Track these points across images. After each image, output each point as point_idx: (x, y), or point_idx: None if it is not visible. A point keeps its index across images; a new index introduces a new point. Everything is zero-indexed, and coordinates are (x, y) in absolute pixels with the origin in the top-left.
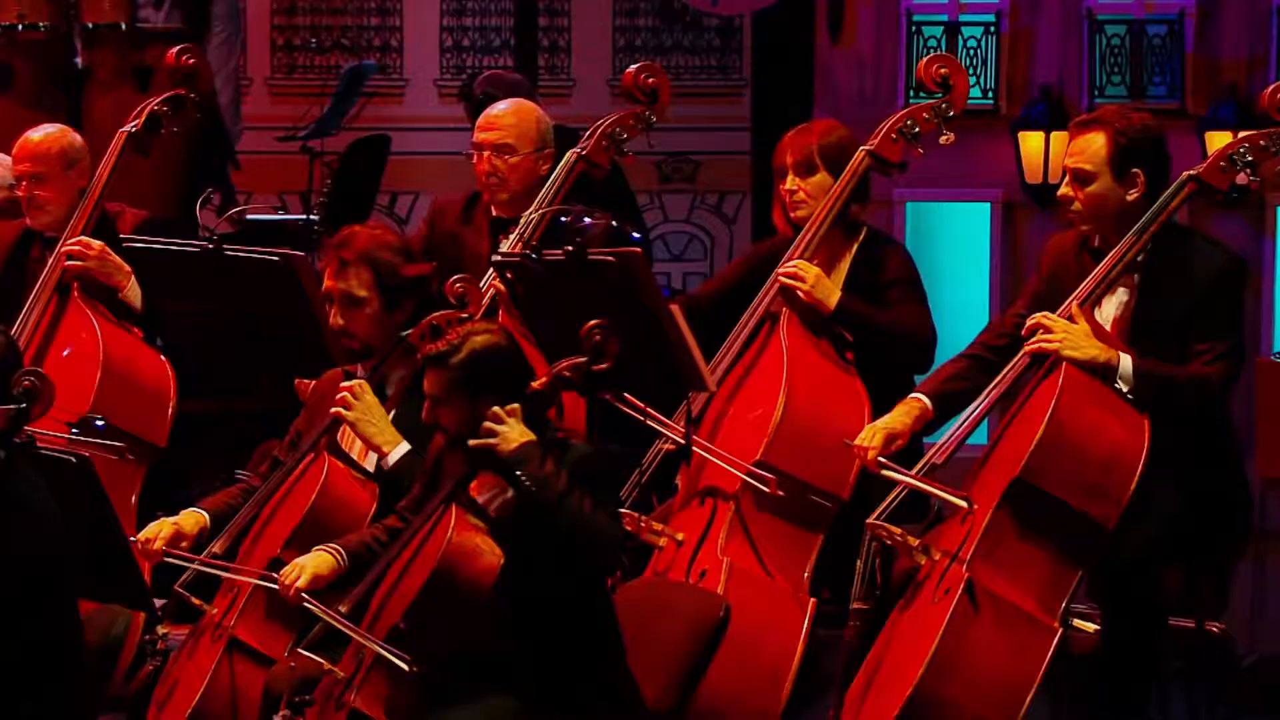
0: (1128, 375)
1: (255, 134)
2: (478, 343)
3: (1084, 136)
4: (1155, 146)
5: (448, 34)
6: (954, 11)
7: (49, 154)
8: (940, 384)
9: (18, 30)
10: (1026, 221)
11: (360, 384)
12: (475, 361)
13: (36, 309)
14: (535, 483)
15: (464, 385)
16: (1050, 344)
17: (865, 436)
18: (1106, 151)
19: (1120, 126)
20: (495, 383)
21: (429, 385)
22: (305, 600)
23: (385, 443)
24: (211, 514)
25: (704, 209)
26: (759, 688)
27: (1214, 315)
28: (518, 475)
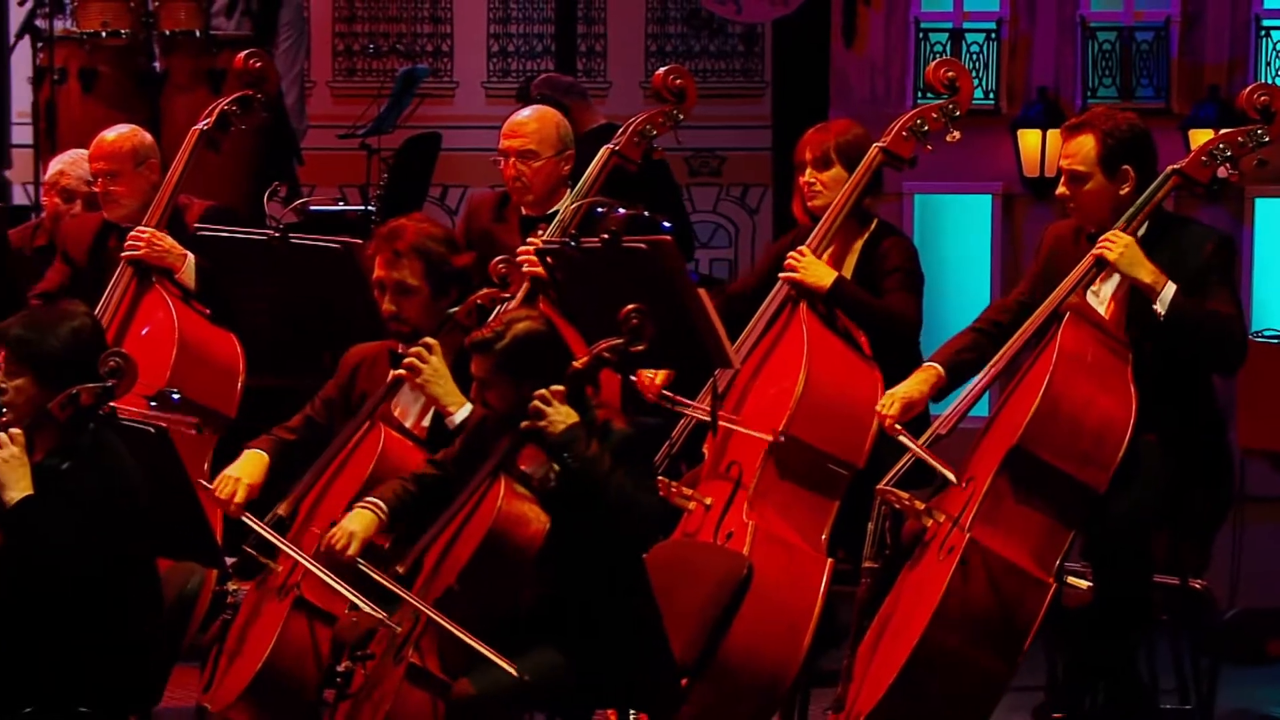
0: (1167, 300)
1: (318, 132)
2: (520, 329)
3: (1075, 139)
4: (1141, 143)
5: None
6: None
7: (121, 152)
8: (953, 354)
9: (102, 37)
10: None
11: (431, 343)
12: (518, 347)
13: (115, 293)
14: (582, 463)
15: (508, 369)
16: (1111, 253)
17: (885, 403)
18: (1097, 152)
19: (1107, 128)
20: (537, 366)
21: (476, 369)
22: (359, 564)
23: (452, 403)
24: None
25: (729, 201)
26: (781, 640)
27: (1214, 284)
28: (565, 457)
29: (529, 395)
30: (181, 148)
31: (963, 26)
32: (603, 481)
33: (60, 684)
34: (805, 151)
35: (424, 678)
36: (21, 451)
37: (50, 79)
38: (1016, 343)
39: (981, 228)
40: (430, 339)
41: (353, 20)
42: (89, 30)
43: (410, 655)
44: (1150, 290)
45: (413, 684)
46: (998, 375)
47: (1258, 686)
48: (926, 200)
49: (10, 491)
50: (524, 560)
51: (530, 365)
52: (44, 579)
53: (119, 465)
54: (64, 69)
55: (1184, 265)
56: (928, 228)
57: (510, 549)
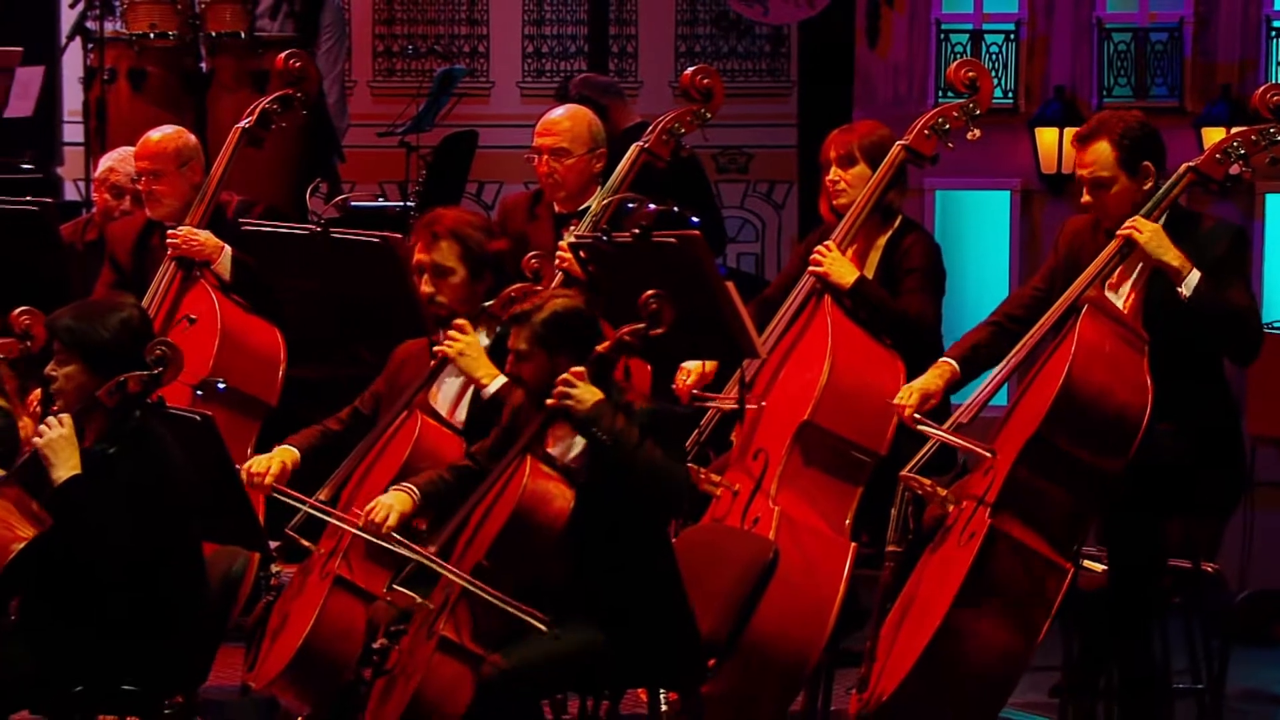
0: (1192, 285)
1: (359, 130)
2: (559, 305)
3: (1091, 148)
4: (1154, 137)
5: (529, 41)
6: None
7: (164, 153)
8: (968, 349)
9: (150, 38)
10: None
11: (464, 323)
12: (555, 320)
13: (160, 287)
14: (611, 436)
15: (544, 341)
16: (1141, 236)
17: (903, 395)
18: (1116, 155)
19: (1120, 130)
20: (572, 341)
21: (513, 341)
22: (394, 538)
23: (484, 375)
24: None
25: (755, 197)
26: (805, 621)
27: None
28: (594, 432)
29: (562, 370)
30: (224, 145)
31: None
32: (632, 453)
33: (109, 663)
34: (830, 151)
35: (456, 650)
36: (71, 433)
37: (100, 79)
38: (1036, 334)
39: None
40: (464, 320)
41: (392, 22)
42: (138, 32)
43: (442, 629)
44: (1176, 274)
45: (445, 656)
46: (1018, 365)
47: (1267, 667)
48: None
49: (59, 470)
50: (550, 536)
51: (565, 340)
52: (89, 559)
53: (164, 451)
54: (114, 69)
55: (1200, 259)
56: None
57: (536, 525)
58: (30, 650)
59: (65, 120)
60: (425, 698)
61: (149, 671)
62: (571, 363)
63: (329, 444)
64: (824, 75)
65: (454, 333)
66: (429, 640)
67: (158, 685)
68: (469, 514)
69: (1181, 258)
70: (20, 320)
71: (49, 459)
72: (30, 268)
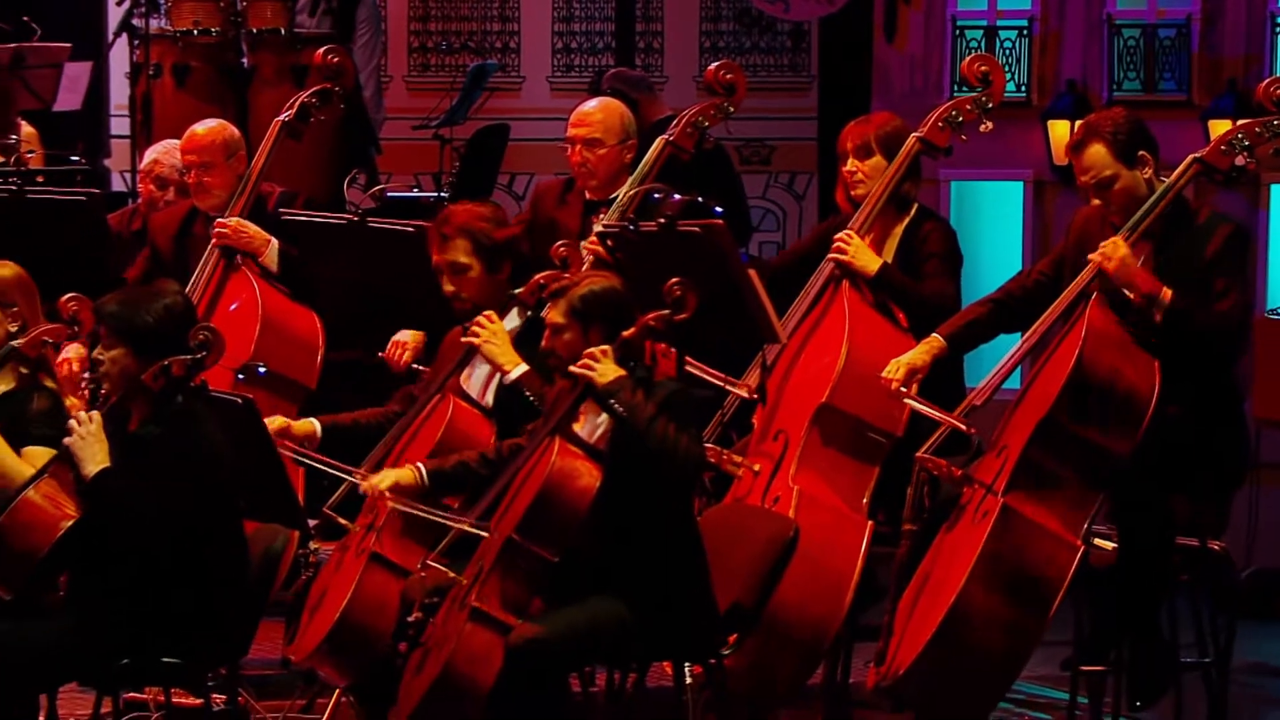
0: (1164, 306)
1: (394, 123)
2: (595, 282)
3: (1086, 153)
4: (1142, 127)
5: (558, 37)
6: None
7: (212, 145)
8: (960, 325)
9: (193, 35)
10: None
11: (491, 314)
12: (591, 296)
13: (204, 275)
14: (626, 409)
15: (579, 315)
16: (1110, 265)
17: (890, 369)
18: (1111, 153)
19: (1110, 128)
20: (605, 317)
21: (550, 314)
22: (389, 499)
23: (507, 362)
24: (325, 426)
25: (777, 187)
26: (824, 597)
27: (1223, 276)
28: (610, 403)
29: (594, 344)
30: (264, 138)
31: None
32: (645, 426)
33: (154, 636)
34: (847, 142)
35: (488, 620)
36: (99, 430)
37: (146, 74)
38: (1047, 320)
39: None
40: (490, 311)
41: (427, 19)
42: (182, 28)
43: (474, 600)
44: (1146, 299)
45: (477, 626)
46: (1029, 350)
47: (1272, 641)
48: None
49: (88, 466)
50: (576, 512)
51: (599, 315)
52: (126, 544)
53: (207, 433)
54: (159, 65)
55: (1197, 251)
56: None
57: (563, 501)
58: (78, 624)
59: (112, 114)
60: (457, 667)
61: (192, 644)
62: (603, 338)
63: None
64: (843, 70)
65: (481, 321)
66: (461, 611)
67: (201, 658)
68: (502, 491)
69: (1150, 280)
70: (68, 306)
71: (79, 456)
72: (78, 255)
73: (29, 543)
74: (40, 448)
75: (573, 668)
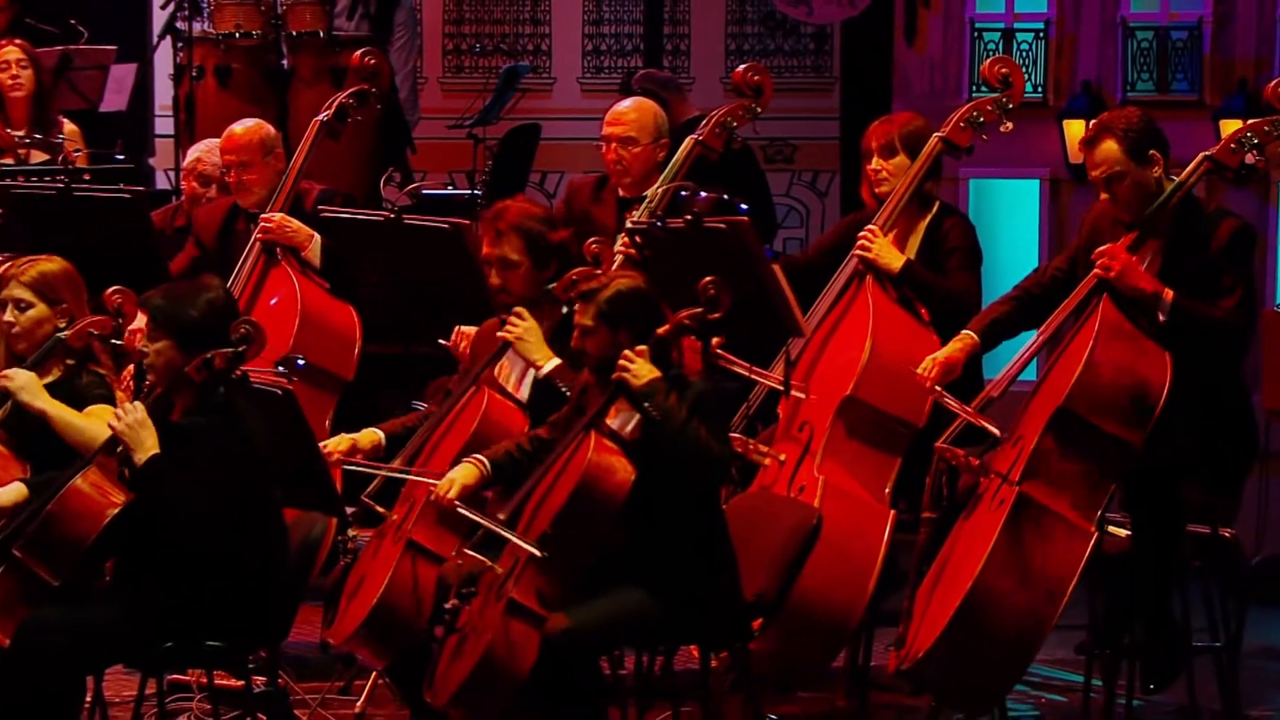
0: (1167, 308)
1: (429, 123)
2: (622, 284)
3: (1098, 149)
4: (1154, 127)
5: (588, 39)
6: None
7: (250, 144)
8: (987, 322)
9: (235, 37)
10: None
11: (522, 311)
12: (618, 298)
13: (245, 270)
14: (660, 413)
15: (607, 317)
16: (1111, 273)
17: (925, 366)
18: (1123, 150)
19: (1123, 126)
20: (633, 319)
21: (579, 316)
22: (459, 507)
23: (540, 358)
24: (387, 434)
25: (801, 185)
26: (847, 583)
27: (1229, 272)
28: (646, 406)
29: (624, 345)
30: (304, 137)
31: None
32: (678, 429)
33: (197, 621)
34: (871, 141)
35: (523, 612)
36: (145, 418)
37: (189, 75)
38: (1062, 313)
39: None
40: (521, 307)
41: (461, 22)
42: (224, 31)
43: (511, 591)
44: (1150, 301)
45: (513, 617)
46: (1044, 343)
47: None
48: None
49: (138, 453)
50: (612, 507)
51: (626, 317)
52: (171, 529)
53: (248, 423)
54: (201, 66)
55: (1205, 249)
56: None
57: (599, 496)
58: (124, 609)
59: (156, 114)
60: (495, 655)
61: (234, 628)
62: (632, 339)
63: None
64: (864, 71)
65: (514, 319)
66: (498, 602)
67: (242, 641)
68: (535, 485)
69: (1153, 282)
70: (114, 300)
71: (128, 443)
72: (124, 251)
73: (77, 530)
74: (103, 405)
75: (603, 653)
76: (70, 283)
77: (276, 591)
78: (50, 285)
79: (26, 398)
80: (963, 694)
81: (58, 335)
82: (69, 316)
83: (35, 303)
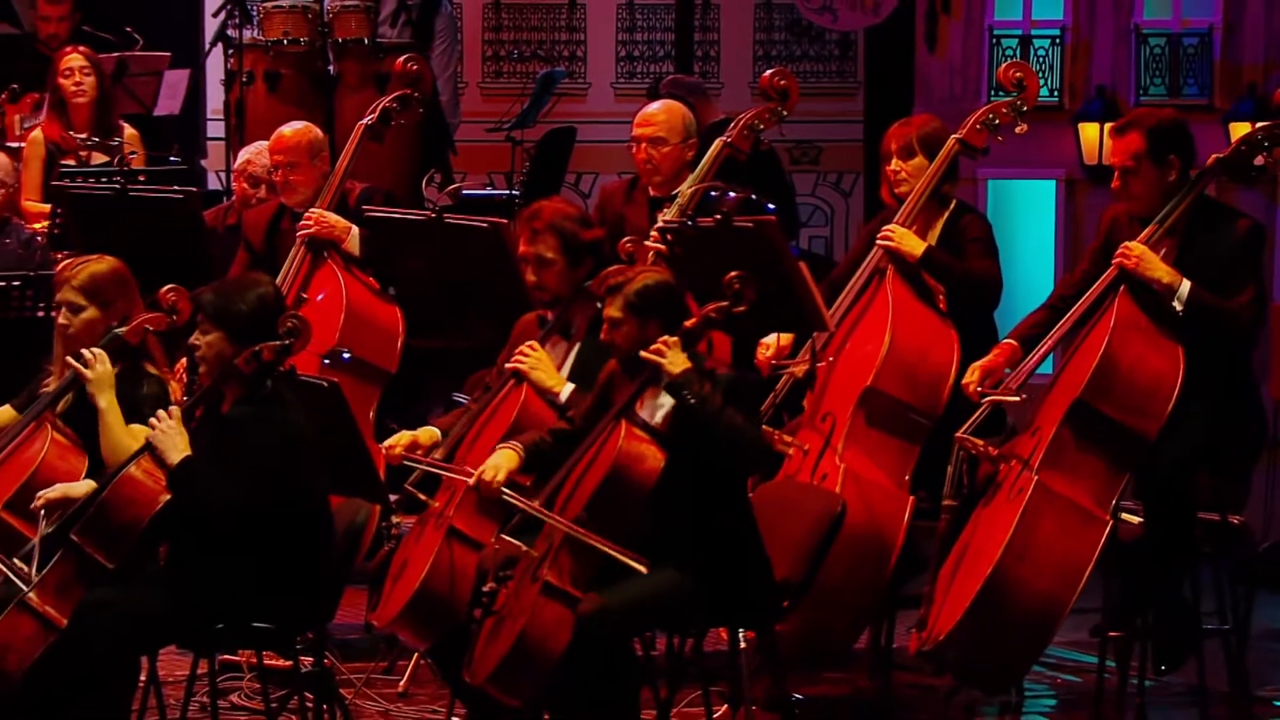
0: (1183, 297)
1: (469, 126)
2: (650, 278)
3: (1124, 138)
4: (1182, 133)
5: (622, 46)
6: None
7: (297, 146)
8: (1027, 330)
9: (283, 44)
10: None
11: (533, 344)
12: (646, 291)
13: (292, 268)
14: (697, 400)
15: (636, 310)
16: (1129, 263)
17: (969, 375)
18: (1144, 146)
19: (1152, 124)
20: (660, 311)
21: (609, 309)
22: (504, 493)
23: (554, 385)
24: (443, 430)
25: (825, 185)
26: (868, 567)
27: (1240, 269)
28: (683, 394)
29: (652, 337)
30: (349, 140)
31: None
32: (714, 417)
33: (247, 603)
34: (891, 143)
35: (558, 594)
36: (179, 424)
37: (239, 81)
38: (1078, 310)
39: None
40: (532, 341)
41: (500, 29)
42: (273, 38)
43: (546, 574)
44: (1168, 290)
45: (548, 599)
46: (1062, 338)
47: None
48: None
49: (171, 455)
50: (641, 493)
51: (655, 309)
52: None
53: (295, 414)
54: (251, 72)
55: (1217, 247)
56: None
57: (630, 483)
58: (176, 591)
59: (208, 118)
60: (530, 636)
61: (282, 610)
62: (660, 330)
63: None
64: (887, 76)
65: (524, 350)
66: (534, 584)
67: (290, 623)
68: (569, 472)
69: (1171, 273)
70: (167, 296)
71: (161, 448)
72: (177, 249)
73: (131, 516)
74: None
75: (636, 634)
76: (119, 282)
77: (323, 575)
78: (100, 287)
79: (94, 389)
80: (982, 674)
81: (115, 332)
82: (121, 315)
83: (86, 305)
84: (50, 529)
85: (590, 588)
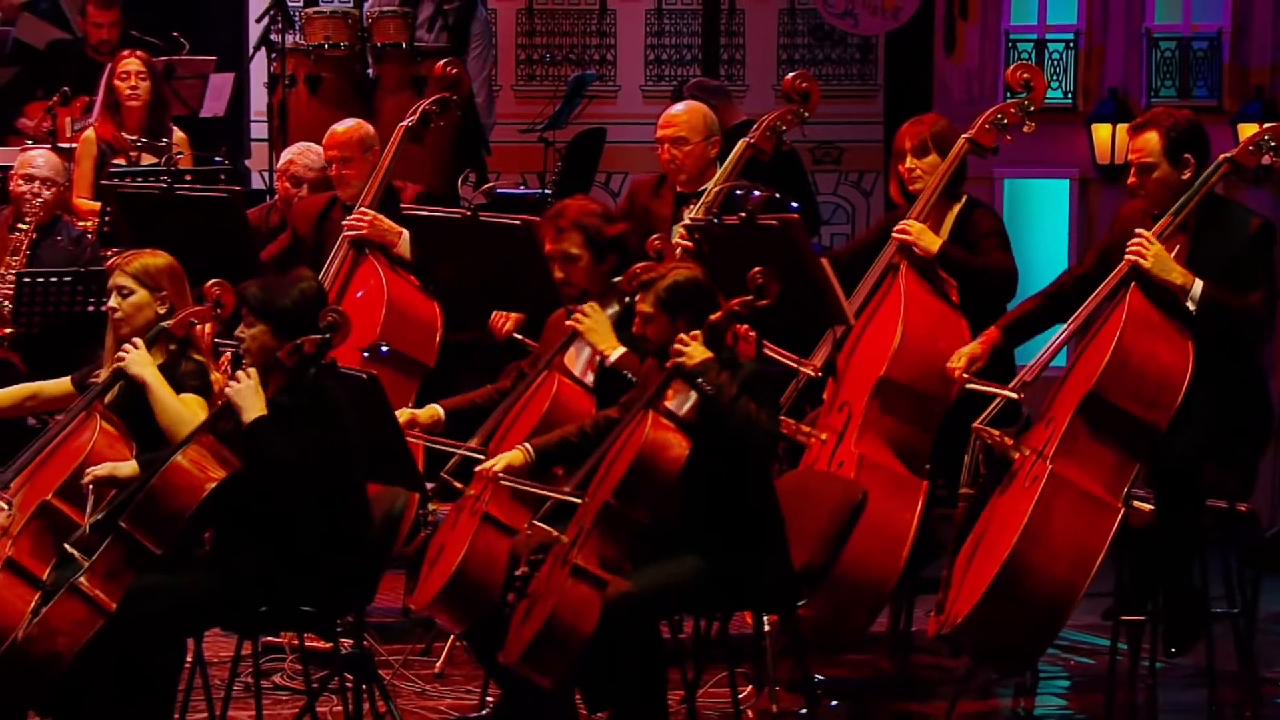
0: (1196, 297)
1: (503, 127)
2: (680, 274)
3: (1142, 136)
4: (1198, 134)
5: (650, 50)
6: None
7: (350, 142)
8: (1016, 317)
9: (325, 48)
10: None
11: (592, 305)
12: (676, 287)
13: (336, 261)
14: (713, 388)
15: (666, 305)
16: (1145, 261)
17: (954, 360)
18: (1161, 145)
19: (1169, 123)
20: (690, 306)
21: (640, 304)
22: (501, 478)
23: (608, 347)
24: (447, 410)
25: (847, 185)
26: (883, 552)
27: (1250, 266)
28: (699, 382)
29: (682, 330)
30: (390, 141)
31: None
32: (728, 405)
33: (290, 587)
34: (905, 141)
35: (587, 576)
36: (257, 383)
37: (282, 84)
38: (1092, 303)
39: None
40: (592, 302)
41: (533, 34)
42: (314, 43)
43: (575, 558)
44: (1181, 291)
45: (577, 581)
46: (1076, 331)
47: None
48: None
49: (247, 413)
50: (667, 480)
51: (684, 304)
52: (274, 492)
53: (335, 405)
54: (293, 75)
55: (1228, 244)
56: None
57: (655, 470)
58: (221, 576)
59: (252, 119)
60: (560, 617)
61: (323, 594)
62: (690, 325)
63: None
64: (906, 79)
65: (586, 309)
66: (564, 568)
67: (331, 606)
68: (600, 459)
69: (1184, 274)
70: (213, 291)
71: (238, 405)
72: (222, 247)
73: (178, 503)
74: (194, 395)
75: (663, 617)
76: (172, 274)
77: (362, 560)
78: (151, 275)
79: (135, 369)
80: (998, 656)
81: (161, 324)
82: (169, 304)
83: (136, 289)
84: (99, 515)
85: (619, 571)
